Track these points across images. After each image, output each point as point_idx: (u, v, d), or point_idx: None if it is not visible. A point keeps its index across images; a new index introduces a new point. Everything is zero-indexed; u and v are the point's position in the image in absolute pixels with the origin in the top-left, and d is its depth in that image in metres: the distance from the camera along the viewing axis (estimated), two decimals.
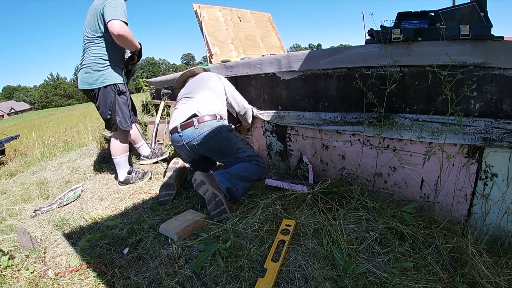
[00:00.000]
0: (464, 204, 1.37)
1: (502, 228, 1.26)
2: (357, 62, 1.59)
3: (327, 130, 1.83)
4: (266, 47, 4.02)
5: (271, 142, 2.33)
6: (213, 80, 2.24)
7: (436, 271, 1.10)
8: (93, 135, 5.22)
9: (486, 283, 1.04)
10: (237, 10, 3.95)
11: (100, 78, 2.27)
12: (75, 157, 3.88)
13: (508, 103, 1.19)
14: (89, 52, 2.26)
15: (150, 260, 1.40)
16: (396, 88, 1.48)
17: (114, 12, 2.06)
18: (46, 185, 2.82)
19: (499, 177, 1.25)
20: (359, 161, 1.73)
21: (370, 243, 1.28)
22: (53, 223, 1.94)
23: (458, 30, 1.22)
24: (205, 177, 1.70)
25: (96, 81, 2.27)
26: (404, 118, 1.46)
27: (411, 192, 1.55)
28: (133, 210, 2.01)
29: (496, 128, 1.20)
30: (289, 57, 1.95)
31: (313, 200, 1.61)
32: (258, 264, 1.25)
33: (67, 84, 70.92)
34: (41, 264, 1.46)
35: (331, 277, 1.13)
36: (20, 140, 6.05)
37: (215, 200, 1.64)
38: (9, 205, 2.45)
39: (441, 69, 1.30)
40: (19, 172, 3.84)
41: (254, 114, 2.34)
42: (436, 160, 1.39)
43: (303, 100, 1.96)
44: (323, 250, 1.27)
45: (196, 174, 1.72)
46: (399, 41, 1.37)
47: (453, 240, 1.24)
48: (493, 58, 1.18)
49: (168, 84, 3.58)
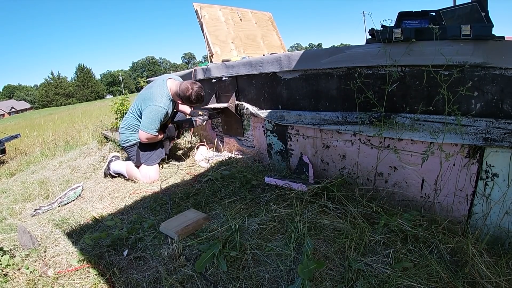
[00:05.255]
0: (465, 204, 1.37)
1: (502, 228, 1.26)
2: (358, 62, 1.58)
3: (328, 130, 1.83)
4: (267, 46, 4.01)
5: (272, 142, 2.32)
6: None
7: (437, 271, 1.10)
8: (93, 134, 5.22)
9: (486, 283, 1.03)
10: (237, 10, 3.94)
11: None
12: (76, 156, 3.88)
13: (509, 103, 1.19)
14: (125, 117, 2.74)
15: (150, 259, 1.40)
16: (396, 87, 1.48)
17: (149, 122, 2.42)
18: (47, 184, 2.82)
19: (500, 177, 1.24)
20: (359, 161, 1.73)
21: (373, 244, 1.28)
22: (53, 222, 1.94)
23: (459, 30, 1.21)
24: None
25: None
26: (404, 117, 1.45)
27: (411, 192, 1.55)
28: (133, 209, 2.01)
29: (497, 128, 1.19)
30: (289, 56, 1.95)
31: (313, 198, 1.61)
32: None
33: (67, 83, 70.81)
34: (41, 263, 1.46)
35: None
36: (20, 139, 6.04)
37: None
38: (9, 204, 2.45)
39: (441, 69, 1.30)
40: (19, 171, 3.84)
41: (255, 113, 2.34)
42: (437, 160, 1.38)
43: (303, 99, 1.96)
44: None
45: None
46: (400, 41, 1.37)
47: (454, 240, 1.24)
48: (494, 58, 1.18)
49: None
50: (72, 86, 69.82)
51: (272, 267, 1.23)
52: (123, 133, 2.66)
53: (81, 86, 69.90)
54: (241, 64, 2.40)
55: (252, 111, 2.36)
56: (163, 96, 2.48)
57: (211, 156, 2.86)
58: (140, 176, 2.55)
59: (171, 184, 2.36)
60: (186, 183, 2.32)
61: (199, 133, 3.49)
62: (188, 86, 2.44)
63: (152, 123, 2.42)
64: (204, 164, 2.69)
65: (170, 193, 2.15)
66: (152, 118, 2.42)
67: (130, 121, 2.62)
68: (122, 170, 2.68)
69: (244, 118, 2.61)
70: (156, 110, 2.42)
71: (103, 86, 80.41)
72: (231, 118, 2.72)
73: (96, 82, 75.24)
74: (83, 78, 71.05)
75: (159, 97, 2.46)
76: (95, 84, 73.34)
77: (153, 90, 2.51)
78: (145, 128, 2.43)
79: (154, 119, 2.42)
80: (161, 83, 2.56)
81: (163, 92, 2.50)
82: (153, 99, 2.45)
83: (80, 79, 71.02)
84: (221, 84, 2.71)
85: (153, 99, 2.45)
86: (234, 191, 1.98)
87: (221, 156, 2.83)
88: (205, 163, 2.71)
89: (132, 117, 2.62)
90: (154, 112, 2.42)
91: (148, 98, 2.49)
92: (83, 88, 69.74)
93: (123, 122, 2.71)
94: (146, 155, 2.56)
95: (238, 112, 2.61)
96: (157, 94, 2.48)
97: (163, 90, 2.51)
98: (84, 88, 69.83)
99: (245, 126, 2.63)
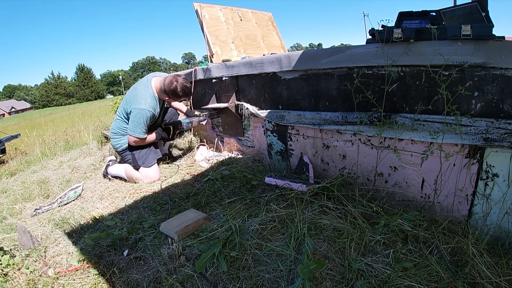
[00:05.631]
0: (465, 204, 1.37)
1: (502, 228, 1.26)
2: (358, 62, 1.58)
3: (328, 130, 1.83)
4: (267, 46, 4.01)
5: (272, 142, 2.32)
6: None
7: (437, 271, 1.10)
8: (93, 134, 5.22)
9: (486, 283, 1.03)
10: (238, 10, 3.94)
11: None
12: (76, 156, 3.89)
13: (509, 103, 1.19)
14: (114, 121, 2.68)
15: (150, 259, 1.40)
16: (397, 87, 1.48)
17: (134, 126, 2.40)
18: (47, 184, 2.82)
19: (500, 177, 1.24)
20: (359, 161, 1.73)
21: (373, 244, 1.28)
22: (53, 222, 1.94)
23: (459, 30, 1.21)
24: None
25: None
26: (404, 117, 1.45)
27: (411, 192, 1.55)
28: (133, 209, 2.01)
29: (497, 128, 1.19)
30: (290, 56, 1.95)
31: (313, 198, 1.61)
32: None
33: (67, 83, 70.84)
34: (41, 263, 1.46)
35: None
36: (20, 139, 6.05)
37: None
38: (9, 204, 2.45)
39: (441, 69, 1.30)
40: (19, 171, 3.84)
41: (255, 113, 2.34)
42: (437, 160, 1.38)
43: (304, 99, 1.96)
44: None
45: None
46: (400, 41, 1.37)
47: (454, 240, 1.24)
48: (494, 58, 1.18)
49: None
50: (72, 86, 69.83)
51: (272, 267, 1.23)
52: (113, 137, 2.64)
53: (81, 86, 69.89)
54: (241, 64, 2.40)
55: (252, 111, 2.36)
56: (147, 97, 2.43)
57: (211, 156, 2.86)
58: (141, 176, 2.54)
59: (171, 184, 2.36)
60: (186, 183, 2.32)
61: (199, 133, 3.49)
62: (171, 79, 2.38)
63: (138, 126, 2.39)
64: (204, 164, 2.69)
65: (170, 193, 2.15)
66: (137, 122, 2.38)
67: (118, 125, 2.59)
68: (121, 173, 2.66)
69: (244, 118, 2.61)
70: (141, 113, 2.37)
71: (103, 86, 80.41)
72: (231, 118, 2.72)
73: (96, 82, 75.24)
74: (83, 78, 71.04)
75: (143, 99, 2.41)
76: (95, 84, 73.32)
77: (138, 92, 2.47)
78: (132, 132, 2.41)
79: (139, 122, 2.38)
80: (145, 83, 2.51)
81: (147, 93, 2.45)
82: (137, 102, 2.40)
83: (80, 79, 71.01)
84: (221, 84, 2.71)
85: (138, 101, 2.41)
86: (234, 191, 1.98)
87: (221, 156, 2.83)
88: (205, 163, 2.71)
89: (120, 120, 2.58)
90: (139, 116, 2.37)
91: (132, 101, 2.44)
92: (83, 88, 69.73)
93: (112, 126, 2.68)
94: (142, 157, 2.55)
95: (238, 112, 2.61)
96: (141, 95, 2.43)
97: (147, 91, 2.46)
98: (84, 88, 69.82)
99: (245, 126, 2.63)
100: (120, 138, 2.60)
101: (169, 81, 2.39)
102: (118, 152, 2.67)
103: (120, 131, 2.59)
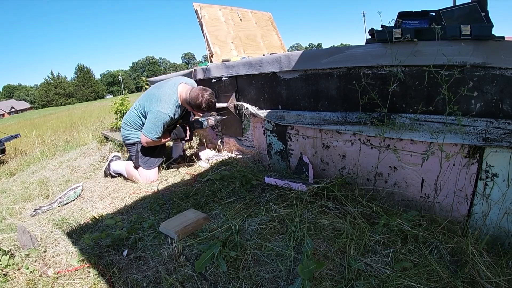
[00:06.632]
0: (465, 204, 1.37)
1: (502, 228, 1.26)
2: (357, 62, 1.58)
3: (328, 130, 1.83)
4: (267, 46, 4.01)
5: (272, 142, 2.32)
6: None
7: (437, 271, 1.10)
8: (93, 134, 5.23)
9: (486, 283, 1.04)
10: (237, 10, 3.94)
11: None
12: (75, 156, 3.89)
13: (508, 103, 1.19)
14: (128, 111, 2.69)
15: (150, 259, 1.40)
16: (397, 87, 1.48)
17: (151, 127, 2.38)
18: (46, 184, 2.82)
19: (500, 177, 1.25)
20: (359, 161, 1.73)
21: (373, 244, 1.28)
22: (53, 222, 1.94)
23: (459, 30, 1.21)
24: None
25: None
26: (404, 118, 1.46)
27: (411, 192, 1.55)
28: (133, 209, 2.01)
29: (497, 128, 1.19)
30: (289, 56, 1.95)
31: (313, 198, 1.61)
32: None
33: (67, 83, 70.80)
34: (41, 263, 1.46)
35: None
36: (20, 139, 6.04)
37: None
38: (9, 204, 2.45)
39: (441, 69, 1.30)
40: (19, 171, 3.84)
41: (254, 113, 2.34)
42: (437, 160, 1.39)
43: (303, 99, 1.96)
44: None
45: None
46: (400, 41, 1.37)
47: (454, 240, 1.25)
48: (494, 58, 1.18)
49: None
50: (72, 86, 69.80)
51: (272, 267, 1.23)
52: (125, 128, 2.62)
53: (81, 86, 69.86)
54: (240, 64, 2.40)
55: (252, 111, 2.36)
56: (170, 102, 2.39)
57: (211, 156, 2.86)
58: (139, 177, 2.55)
59: (171, 184, 2.36)
60: (186, 183, 2.32)
61: (199, 133, 3.49)
62: (198, 94, 2.32)
63: (154, 129, 2.37)
64: (204, 164, 2.69)
65: (170, 193, 2.15)
66: (155, 124, 2.36)
67: (132, 118, 2.57)
68: (122, 170, 2.68)
69: (244, 118, 2.61)
70: (161, 116, 2.35)
71: (103, 86, 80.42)
72: (231, 118, 2.72)
73: (96, 82, 75.24)
74: (83, 78, 71.02)
75: (166, 103, 2.38)
76: (95, 84, 73.32)
77: (162, 92, 2.43)
78: (147, 133, 2.39)
79: (156, 125, 2.36)
80: (172, 87, 2.46)
81: (171, 97, 2.41)
82: (159, 103, 2.38)
83: (80, 79, 70.99)
84: (220, 84, 2.71)
85: (160, 103, 2.38)
86: (234, 191, 1.98)
87: (221, 156, 2.83)
88: (205, 163, 2.71)
89: (134, 114, 2.56)
90: (158, 118, 2.35)
91: (154, 100, 2.41)
92: (83, 88, 69.70)
93: (125, 117, 2.66)
94: (145, 158, 2.55)
95: (237, 112, 2.61)
96: (165, 98, 2.40)
97: (172, 96, 2.42)
98: (84, 88, 69.80)
99: (245, 126, 2.63)
100: (131, 132, 2.58)
101: (195, 95, 2.33)
102: (126, 145, 2.67)
103: (133, 125, 2.57)
